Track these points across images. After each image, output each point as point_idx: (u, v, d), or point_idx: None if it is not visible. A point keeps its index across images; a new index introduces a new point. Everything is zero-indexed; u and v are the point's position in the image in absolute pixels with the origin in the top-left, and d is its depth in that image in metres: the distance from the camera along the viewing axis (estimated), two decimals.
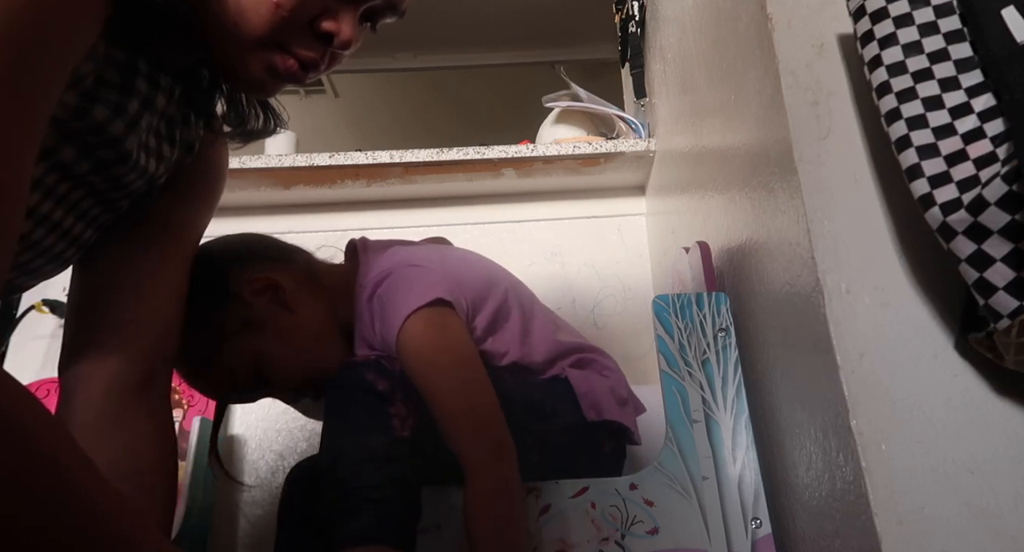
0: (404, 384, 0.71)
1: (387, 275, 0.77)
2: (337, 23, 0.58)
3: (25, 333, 1.27)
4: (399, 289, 0.75)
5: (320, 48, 0.59)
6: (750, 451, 0.76)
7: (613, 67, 1.86)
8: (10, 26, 0.40)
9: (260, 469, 1.22)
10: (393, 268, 0.78)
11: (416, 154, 1.38)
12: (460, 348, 0.73)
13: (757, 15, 0.75)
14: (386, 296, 0.75)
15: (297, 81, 0.61)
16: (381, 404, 0.69)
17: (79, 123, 0.54)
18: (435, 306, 0.73)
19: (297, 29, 0.57)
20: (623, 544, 0.73)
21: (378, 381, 0.70)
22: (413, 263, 0.79)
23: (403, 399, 0.70)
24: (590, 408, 0.80)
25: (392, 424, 0.68)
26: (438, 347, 0.72)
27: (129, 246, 0.68)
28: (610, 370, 0.87)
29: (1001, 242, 0.53)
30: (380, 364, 0.71)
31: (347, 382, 0.71)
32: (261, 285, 0.78)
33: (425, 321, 0.72)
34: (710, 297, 0.83)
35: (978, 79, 0.58)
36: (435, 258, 0.82)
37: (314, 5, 0.57)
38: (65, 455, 0.42)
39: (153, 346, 0.68)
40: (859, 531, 0.57)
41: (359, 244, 0.86)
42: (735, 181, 0.88)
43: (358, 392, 0.69)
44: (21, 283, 0.64)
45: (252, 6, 0.54)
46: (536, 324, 0.86)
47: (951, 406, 0.59)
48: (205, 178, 0.75)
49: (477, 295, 0.80)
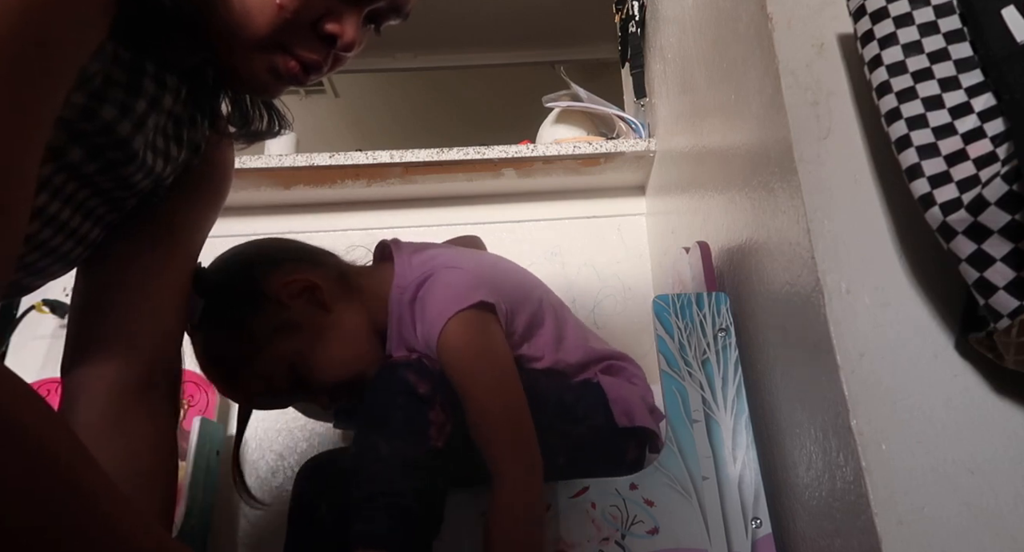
0: (445, 387, 0.70)
1: (428, 276, 0.77)
2: (340, 25, 0.58)
3: (25, 333, 1.27)
4: (441, 291, 0.75)
5: (323, 50, 0.59)
6: (750, 451, 0.76)
7: (613, 67, 1.86)
8: (14, 25, 0.40)
9: (260, 469, 1.22)
10: (434, 270, 0.78)
11: (416, 154, 1.38)
12: (500, 354, 0.73)
13: (757, 15, 0.75)
14: (428, 297, 0.75)
15: (299, 83, 0.61)
16: (421, 408, 0.68)
17: (87, 124, 0.54)
18: (477, 309, 0.73)
19: (300, 30, 0.57)
20: (623, 544, 0.73)
21: (420, 383, 0.69)
22: (454, 265, 0.79)
23: (442, 403, 0.70)
24: (622, 414, 0.80)
25: (429, 432, 0.68)
26: (480, 349, 0.72)
27: (135, 246, 0.68)
28: (638, 378, 0.88)
29: (1001, 242, 0.53)
30: (422, 365, 0.71)
31: (389, 383, 0.70)
32: (298, 287, 0.77)
33: (467, 323, 0.72)
34: (710, 297, 0.83)
35: (978, 79, 0.58)
36: (474, 262, 0.82)
37: (317, 7, 0.56)
38: (67, 454, 0.42)
39: (157, 346, 0.68)
40: (859, 531, 0.57)
41: (392, 245, 0.86)
42: (735, 181, 0.88)
43: (400, 396, 0.69)
44: (28, 283, 0.64)
45: (256, 7, 0.54)
46: (568, 330, 0.86)
47: (951, 406, 0.59)
48: (211, 179, 0.75)
49: (514, 300, 0.81)
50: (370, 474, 0.67)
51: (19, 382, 0.41)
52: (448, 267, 0.78)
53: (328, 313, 0.78)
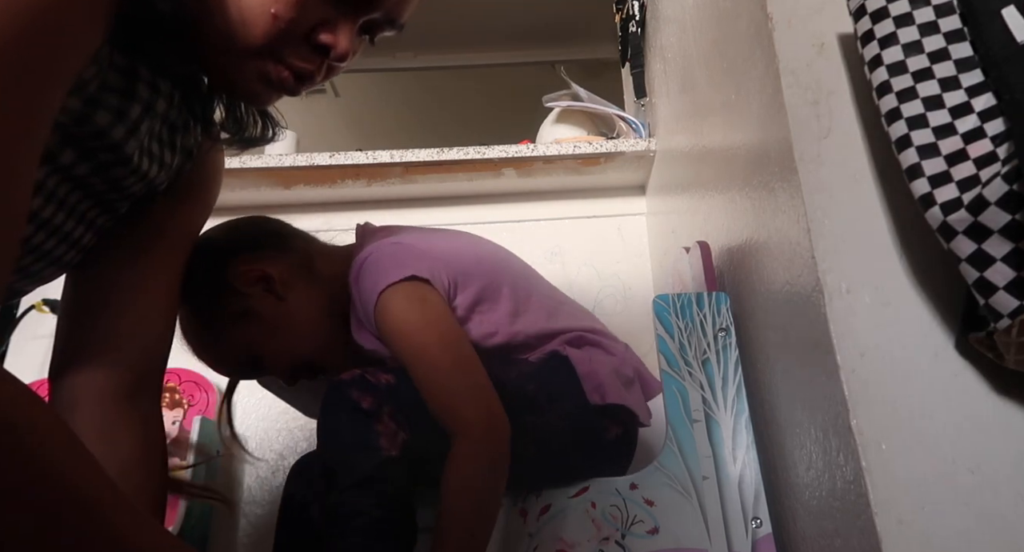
0: (391, 397, 0.71)
1: (368, 255, 0.78)
2: (335, 35, 0.58)
3: (25, 333, 1.26)
4: (376, 267, 0.77)
5: (316, 60, 0.59)
6: (750, 451, 0.76)
7: (613, 67, 1.86)
8: (11, 29, 0.40)
9: (260, 469, 1.22)
10: (375, 248, 0.79)
11: (416, 154, 1.38)
12: (440, 321, 0.74)
13: (757, 14, 0.75)
14: (363, 275, 0.77)
15: (291, 92, 0.60)
16: (367, 422, 0.70)
17: (81, 129, 0.54)
18: (410, 282, 0.74)
19: (294, 40, 0.57)
20: (623, 544, 0.73)
21: (363, 398, 0.70)
22: (394, 241, 0.80)
23: (391, 414, 0.71)
24: (593, 391, 0.78)
25: (379, 443, 0.69)
26: (416, 317, 0.74)
27: (125, 250, 0.68)
28: (617, 349, 0.86)
29: (1001, 242, 0.53)
30: (365, 380, 0.72)
31: (334, 403, 0.72)
32: (254, 276, 0.80)
33: (399, 296, 0.74)
34: (710, 297, 0.83)
35: (978, 79, 0.58)
36: (419, 237, 0.83)
37: (312, 17, 0.56)
38: (67, 456, 0.42)
39: (146, 349, 0.68)
40: (859, 530, 0.57)
41: (362, 230, 0.88)
42: (735, 181, 0.88)
43: (343, 413, 0.71)
44: (21, 287, 0.64)
45: (251, 16, 0.54)
46: (532, 304, 0.85)
47: (951, 406, 0.59)
48: (202, 183, 0.75)
49: (461, 273, 0.81)
50: (332, 497, 0.68)
51: (16, 385, 0.41)
52: (389, 243, 0.80)
53: (281, 301, 0.81)
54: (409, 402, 0.71)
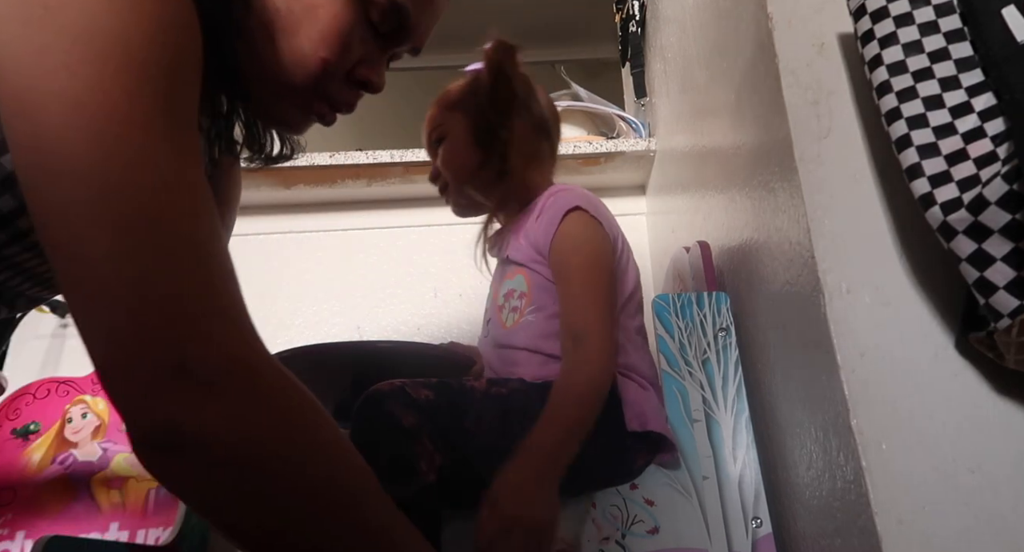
0: (431, 416, 0.68)
1: (575, 189, 0.89)
2: (373, 69, 0.60)
3: (25, 333, 1.27)
4: (579, 193, 0.87)
5: (355, 94, 0.62)
6: (750, 450, 0.76)
7: (613, 67, 1.86)
8: (151, 56, 0.41)
9: None
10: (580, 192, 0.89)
11: (416, 154, 1.38)
12: (607, 254, 0.83)
13: (757, 14, 0.75)
14: (566, 192, 0.87)
15: (326, 122, 0.63)
16: (408, 443, 0.66)
17: None
18: (596, 221, 0.84)
19: (336, 78, 0.59)
20: (624, 544, 0.73)
21: (405, 416, 0.66)
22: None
23: (430, 434, 0.67)
24: (634, 418, 0.75)
25: (419, 468, 0.65)
26: (591, 236, 0.83)
27: None
28: (650, 383, 0.82)
29: (1001, 241, 0.53)
30: (406, 394, 0.68)
31: (372, 415, 0.67)
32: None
33: (588, 218, 0.83)
34: (710, 297, 0.83)
35: (978, 78, 0.58)
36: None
37: (354, 56, 0.58)
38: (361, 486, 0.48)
39: None
40: (860, 530, 0.57)
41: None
42: (735, 180, 0.87)
43: (383, 429, 0.66)
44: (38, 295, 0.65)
45: (301, 59, 0.55)
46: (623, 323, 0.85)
47: (951, 406, 0.59)
48: (221, 198, 0.76)
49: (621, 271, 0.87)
50: None
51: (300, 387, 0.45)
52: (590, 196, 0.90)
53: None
54: (446, 423, 0.69)
